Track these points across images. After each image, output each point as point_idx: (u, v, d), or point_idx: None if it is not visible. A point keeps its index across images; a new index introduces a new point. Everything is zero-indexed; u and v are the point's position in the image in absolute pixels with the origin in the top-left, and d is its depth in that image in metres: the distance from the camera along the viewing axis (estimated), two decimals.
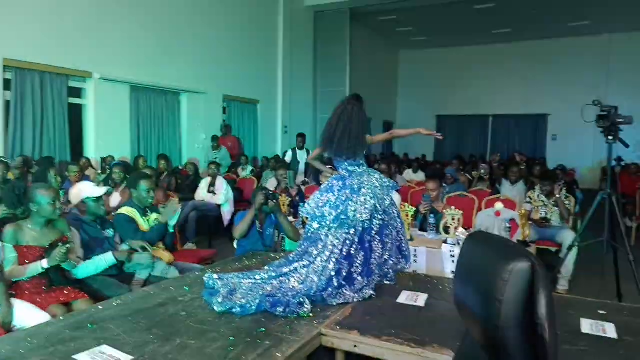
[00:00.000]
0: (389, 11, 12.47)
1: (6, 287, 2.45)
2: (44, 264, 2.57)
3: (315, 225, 2.75)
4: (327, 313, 2.32)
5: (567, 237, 4.45)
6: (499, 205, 3.49)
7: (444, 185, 6.59)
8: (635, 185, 7.47)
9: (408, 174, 8.55)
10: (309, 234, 2.79)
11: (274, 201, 3.40)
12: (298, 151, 8.06)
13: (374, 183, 2.80)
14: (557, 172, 6.61)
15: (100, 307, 2.36)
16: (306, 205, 2.84)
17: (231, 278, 2.61)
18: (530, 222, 4.94)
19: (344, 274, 2.60)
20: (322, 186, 2.98)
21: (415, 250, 3.45)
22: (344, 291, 2.54)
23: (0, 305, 2.37)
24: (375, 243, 2.73)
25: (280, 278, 2.66)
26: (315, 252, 2.69)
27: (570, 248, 4.04)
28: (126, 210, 3.29)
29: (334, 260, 2.62)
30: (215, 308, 2.29)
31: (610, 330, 2.19)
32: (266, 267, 2.82)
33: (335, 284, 2.55)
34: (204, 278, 2.63)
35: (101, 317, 2.21)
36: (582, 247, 4.18)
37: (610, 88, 13.92)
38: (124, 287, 2.87)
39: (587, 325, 2.24)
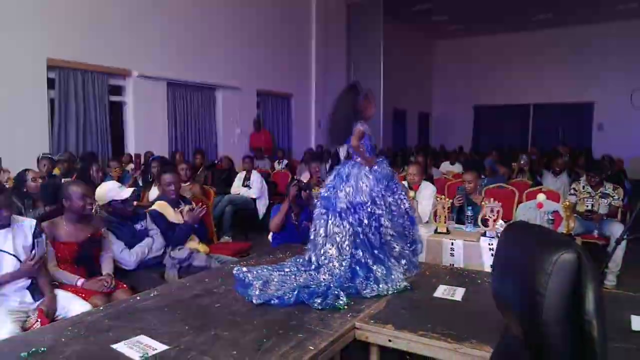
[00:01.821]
0: (424, 1, 12.19)
1: (49, 278, 2.54)
2: (79, 282, 2.65)
3: (316, 211, 2.83)
4: (361, 306, 2.28)
5: (615, 230, 4.23)
6: (541, 197, 3.34)
7: (483, 177, 6.41)
8: None
9: (445, 165, 8.37)
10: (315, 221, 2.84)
11: (307, 191, 3.40)
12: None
13: (364, 174, 2.74)
14: (605, 162, 6.30)
15: (138, 297, 2.42)
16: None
17: (260, 271, 2.63)
18: (575, 215, 4.75)
19: (364, 263, 2.61)
20: None
21: (452, 244, 3.36)
22: (372, 283, 2.52)
23: (45, 295, 2.47)
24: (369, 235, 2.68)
25: (311, 271, 2.67)
26: (321, 242, 2.72)
27: (618, 241, 3.83)
28: (157, 205, 3.36)
29: (346, 248, 2.63)
30: (254, 300, 2.30)
31: None
32: (290, 261, 2.86)
33: (362, 275, 2.55)
34: (234, 271, 2.64)
35: (139, 308, 2.26)
36: (631, 241, 3.96)
37: None
38: (162, 280, 2.93)
39: (638, 323, 2.11)
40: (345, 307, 2.25)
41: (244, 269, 2.65)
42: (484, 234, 3.30)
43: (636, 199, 8.84)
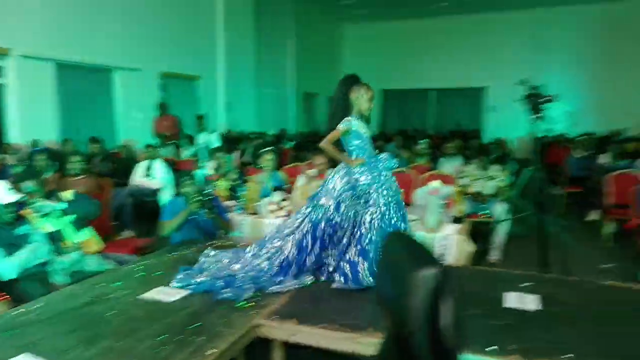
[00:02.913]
0: None
1: None
2: None
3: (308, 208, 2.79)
4: (265, 302, 2.30)
5: (499, 209, 4.67)
6: (434, 184, 3.57)
7: None
8: (563, 155, 7.92)
9: None
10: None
11: (214, 207, 3.31)
12: (200, 134, 7.76)
13: (338, 175, 2.69)
14: (491, 146, 6.89)
15: (21, 310, 2.21)
16: None
17: (221, 254, 2.81)
18: (467, 196, 5.16)
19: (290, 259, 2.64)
20: None
21: None
22: (286, 278, 2.56)
23: None
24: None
25: (255, 251, 2.76)
26: (287, 232, 2.76)
27: (501, 220, 4.25)
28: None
29: (293, 241, 2.66)
30: (171, 285, 2.45)
31: (533, 302, 2.32)
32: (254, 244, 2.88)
33: (290, 270, 2.60)
34: (201, 254, 2.83)
35: (22, 322, 2.08)
36: (515, 218, 4.41)
37: (542, 63, 14.54)
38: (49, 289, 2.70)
39: (512, 299, 2.37)
40: (247, 304, 2.24)
41: (212, 252, 2.84)
42: None
43: (543, 174, 9.83)
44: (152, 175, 5.87)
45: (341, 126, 2.63)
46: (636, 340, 1.93)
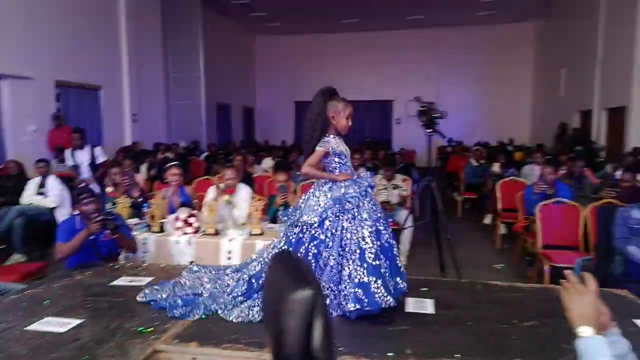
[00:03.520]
0: None
1: None
2: None
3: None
4: (165, 326, 2.20)
5: (403, 217, 4.93)
6: None
7: (298, 173, 6.79)
8: (461, 164, 8.57)
9: (267, 162, 8.58)
10: None
11: (116, 227, 3.09)
12: (77, 151, 6.88)
13: (321, 190, 2.45)
14: (396, 157, 7.26)
15: None
16: None
17: (204, 272, 2.69)
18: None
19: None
20: None
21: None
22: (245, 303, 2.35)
23: None
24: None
25: (233, 274, 2.60)
26: (264, 251, 2.62)
27: (404, 227, 4.49)
28: None
29: (264, 262, 2.46)
30: (137, 298, 2.45)
31: (429, 306, 2.48)
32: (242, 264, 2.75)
33: (253, 290, 2.39)
34: (186, 269, 2.77)
35: None
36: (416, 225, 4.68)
37: (442, 77, 15.69)
38: None
39: (411, 304, 2.51)
40: (148, 329, 2.14)
41: (195, 267, 2.75)
42: None
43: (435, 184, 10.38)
44: (45, 193, 5.39)
45: (320, 148, 2.42)
46: (518, 335, 2.13)
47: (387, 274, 2.36)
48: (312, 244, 2.37)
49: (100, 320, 2.26)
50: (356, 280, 2.29)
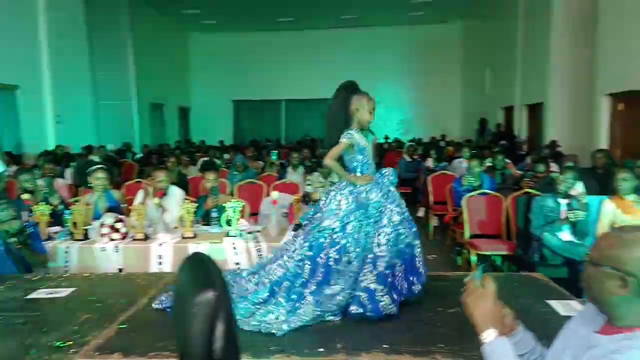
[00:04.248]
0: None
1: None
2: None
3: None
4: (86, 338, 2.09)
5: None
6: (274, 195, 3.67)
7: (235, 173, 6.69)
8: (397, 159, 8.82)
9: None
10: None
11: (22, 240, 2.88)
12: None
13: (342, 193, 2.40)
14: None
15: None
16: None
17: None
18: (311, 203, 5.42)
19: (287, 287, 2.32)
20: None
21: (199, 248, 3.39)
22: (271, 311, 2.22)
23: None
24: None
25: (250, 276, 2.50)
26: (281, 253, 2.49)
27: None
28: None
29: (285, 267, 2.37)
30: (153, 305, 2.39)
31: None
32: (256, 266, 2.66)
33: (275, 295, 2.29)
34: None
35: None
36: None
37: (378, 76, 16.05)
38: None
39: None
40: (65, 343, 2.02)
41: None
42: (227, 234, 3.45)
43: None
44: None
45: (344, 139, 2.38)
46: (443, 322, 2.23)
47: (396, 281, 2.36)
48: (333, 250, 2.30)
49: (12, 337, 2.10)
50: (363, 285, 2.27)
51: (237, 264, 3.33)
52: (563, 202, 3.60)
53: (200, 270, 0.91)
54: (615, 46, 6.58)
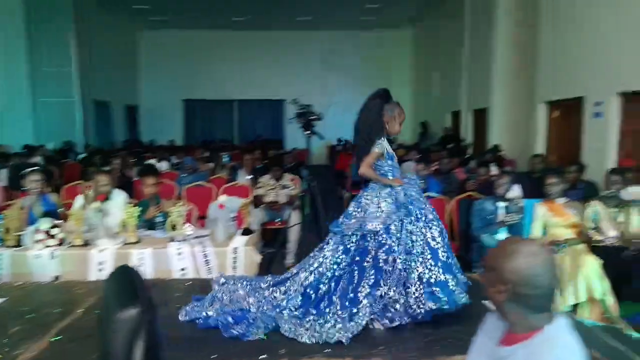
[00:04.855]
0: None
1: None
2: None
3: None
4: (15, 352, 1.98)
5: (291, 216, 5.00)
6: (221, 199, 3.62)
7: (184, 175, 6.54)
8: (349, 161, 8.93)
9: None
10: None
11: None
12: None
13: (382, 196, 2.52)
14: (285, 156, 7.34)
15: None
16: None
17: (234, 284, 2.66)
18: (262, 205, 5.40)
19: (322, 294, 2.35)
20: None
21: (143, 253, 3.29)
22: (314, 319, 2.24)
23: None
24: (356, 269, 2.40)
25: (273, 287, 2.57)
26: (308, 262, 2.56)
27: (292, 225, 4.57)
28: None
29: (317, 273, 2.44)
30: (180, 317, 2.35)
31: None
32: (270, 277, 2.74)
33: (313, 302, 2.35)
34: (213, 279, 2.78)
35: None
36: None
37: (332, 78, 16.21)
38: None
39: None
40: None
41: (222, 279, 2.72)
42: (172, 239, 3.37)
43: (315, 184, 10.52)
44: None
45: (377, 149, 2.53)
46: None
47: (458, 272, 2.42)
48: (380, 251, 2.35)
49: None
50: (432, 280, 2.30)
51: (183, 269, 3.26)
52: (501, 205, 3.78)
53: (125, 286, 0.89)
54: (552, 56, 6.98)
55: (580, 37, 6.26)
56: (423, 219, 2.44)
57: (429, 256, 2.35)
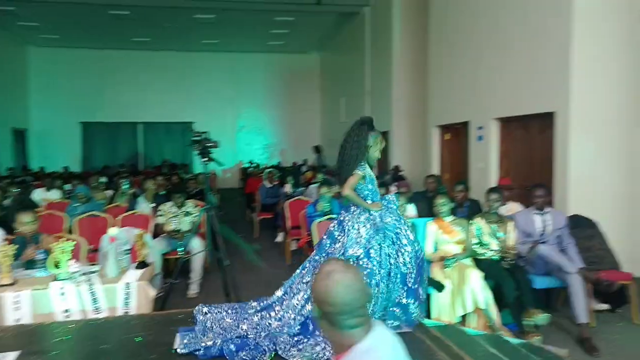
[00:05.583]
0: (6, 1, 10.48)
1: None
2: None
3: (316, 256, 2.74)
4: None
5: (194, 245, 4.84)
6: (112, 231, 3.41)
7: (77, 204, 6.07)
8: (258, 184, 8.90)
9: (39, 193, 7.41)
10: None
11: None
12: None
13: (361, 220, 2.66)
14: (190, 182, 7.13)
15: None
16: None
17: (218, 312, 2.66)
18: (164, 234, 5.16)
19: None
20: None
21: (19, 296, 2.98)
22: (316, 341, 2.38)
23: None
24: None
25: (262, 312, 2.62)
26: (298, 287, 2.64)
27: (194, 254, 4.42)
28: None
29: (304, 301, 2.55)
30: (179, 350, 2.27)
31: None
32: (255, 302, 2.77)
33: (310, 329, 2.46)
34: (194, 311, 2.70)
35: None
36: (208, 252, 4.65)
37: (242, 101, 16.16)
38: None
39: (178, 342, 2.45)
40: None
41: (205, 309, 2.68)
42: (55, 278, 3.09)
43: (225, 206, 10.35)
44: None
45: (359, 171, 2.66)
46: None
47: (421, 295, 2.66)
48: (362, 275, 2.41)
49: None
50: (397, 300, 2.56)
51: (66, 311, 2.99)
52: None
53: None
54: (440, 83, 7.62)
55: (464, 68, 6.91)
56: (398, 242, 2.63)
57: (398, 279, 2.60)
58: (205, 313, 2.69)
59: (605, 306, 4.03)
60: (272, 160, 15.53)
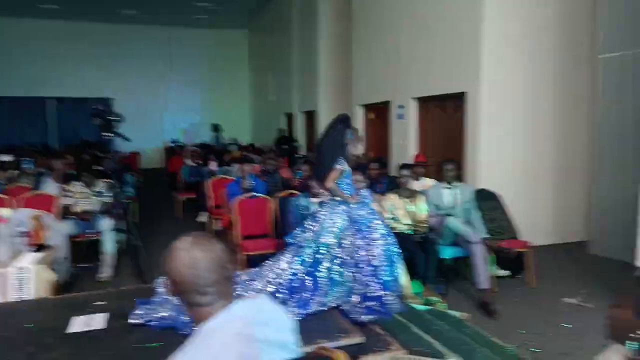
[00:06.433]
0: None
1: None
2: None
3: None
4: None
5: (105, 224, 4.58)
6: (3, 212, 3.13)
7: None
8: (181, 163, 8.58)
9: None
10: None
11: None
12: None
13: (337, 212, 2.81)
14: (104, 160, 6.72)
15: None
16: None
17: None
18: (72, 217, 4.82)
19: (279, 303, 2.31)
20: None
21: None
22: None
23: None
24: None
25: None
26: (264, 272, 2.72)
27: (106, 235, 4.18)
28: None
29: (276, 283, 2.62)
30: (130, 320, 2.30)
31: (100, 322, 2.34)
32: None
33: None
34: (155, 283, 2.63)
35: None
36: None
37: (173, 76, 15.41)
38: None
39: (79, 323, 2.31)
40: None
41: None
42: None
43: (148, 185, 9.89)
44: None
45: (339, 166, 2.80)
46: None
47: (395, 286, 2.79)
48: (334, 262, 2.70)
49: None
50: (370, 295, 2.66)
51: None
52: (314, 201, 4.01)
53: None
54: (364, 64, 7.71)
55: (386, 48, 7.03)
56: (370, 237, 2.80)
57: (370, 272, 2.73)
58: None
59: (506, 272, 4.35)
60: (197, 138, 15.00)
